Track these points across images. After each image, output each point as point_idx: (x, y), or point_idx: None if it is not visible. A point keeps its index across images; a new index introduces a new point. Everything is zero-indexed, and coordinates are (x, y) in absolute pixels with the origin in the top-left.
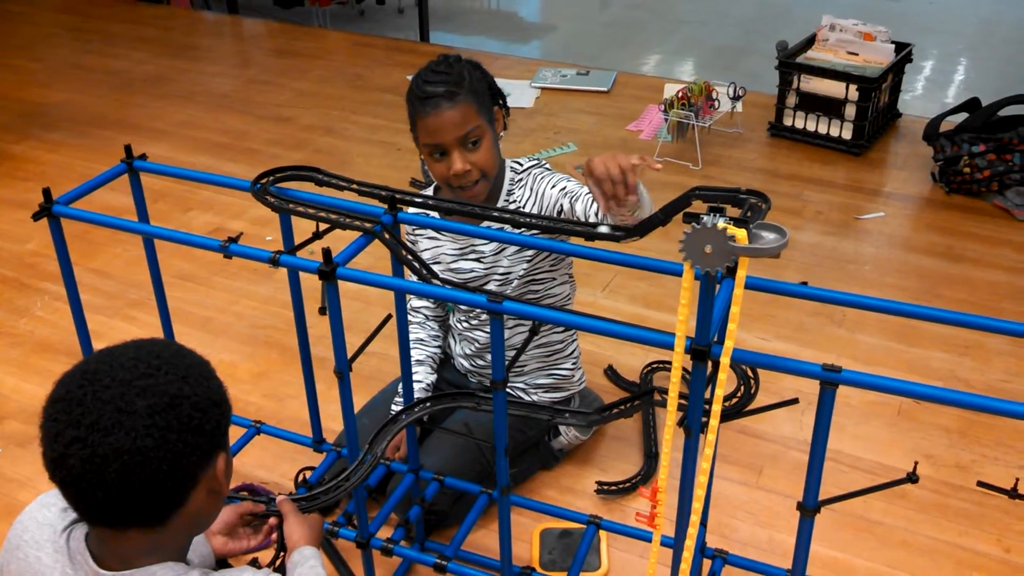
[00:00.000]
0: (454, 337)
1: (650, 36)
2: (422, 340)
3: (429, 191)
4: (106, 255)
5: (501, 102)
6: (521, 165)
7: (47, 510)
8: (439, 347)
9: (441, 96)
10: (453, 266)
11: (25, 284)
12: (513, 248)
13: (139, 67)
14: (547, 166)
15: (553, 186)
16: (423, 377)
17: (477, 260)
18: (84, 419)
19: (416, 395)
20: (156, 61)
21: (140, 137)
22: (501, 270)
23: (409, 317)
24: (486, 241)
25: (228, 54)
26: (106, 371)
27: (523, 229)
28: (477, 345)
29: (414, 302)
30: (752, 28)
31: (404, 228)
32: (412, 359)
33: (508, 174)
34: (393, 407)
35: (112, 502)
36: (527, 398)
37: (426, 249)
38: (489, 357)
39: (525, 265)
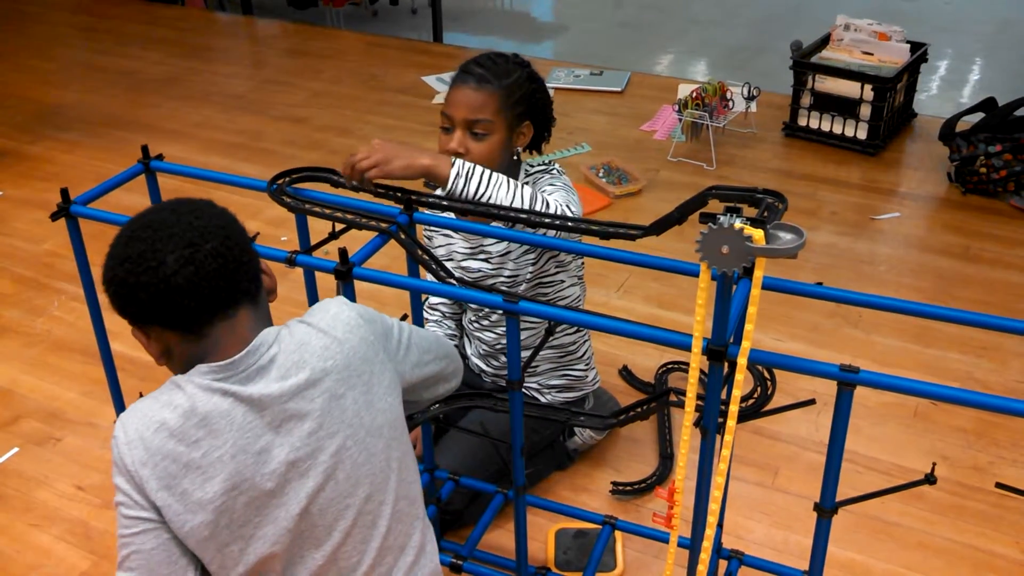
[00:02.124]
0: (468, 337)
1: (663, 36)
2: None
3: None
4: None
5: (539, 122)
6: (532, 167)
7: (127, 416)
8: (455, 346)
9: (472, 76)
10: (463, 264)
11: (42, 284)
12: (519, 251)
13: (153, 68)
14: (556, 170)
15: (551, 194)
16: None
17: (485, 260)
18: (161, 233)
19: None
20: (170, 62)
21: (154, 138)
22: (507, 272)
23: (426, 315)
24: (495, 241)
25: (242, 55)
26: (153, 209)
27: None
28: (485, 347)
29: (432, 300)
30: (766, 28)
31: (420, 226)
32: None
33: (521, 176)
34: None
35: (220, 282)
36: (541, 398)
37: (440, 246)
38: (502, 358)
39: (531, 268)
